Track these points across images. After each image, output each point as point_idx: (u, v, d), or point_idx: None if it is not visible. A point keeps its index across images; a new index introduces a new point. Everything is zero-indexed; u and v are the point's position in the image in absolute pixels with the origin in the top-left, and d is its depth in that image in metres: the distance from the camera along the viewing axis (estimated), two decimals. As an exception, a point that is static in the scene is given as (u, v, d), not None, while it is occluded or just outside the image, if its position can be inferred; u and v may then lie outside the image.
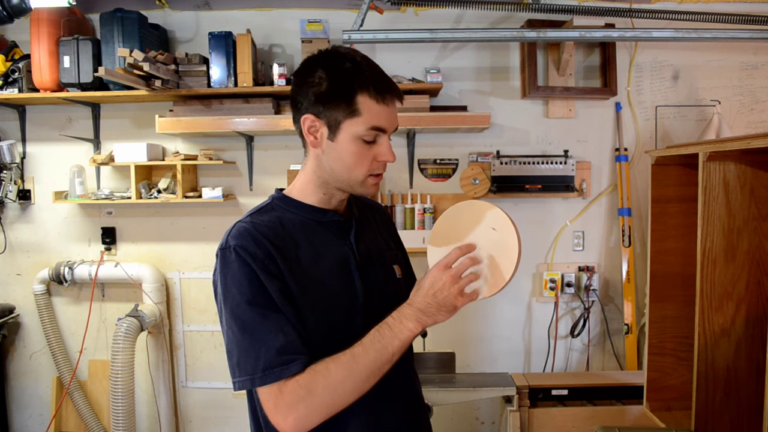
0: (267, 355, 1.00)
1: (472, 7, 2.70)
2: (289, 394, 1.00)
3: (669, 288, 1.89)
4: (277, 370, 1.00)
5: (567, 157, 2.96)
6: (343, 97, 1.07)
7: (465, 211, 1.15)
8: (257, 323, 1.02)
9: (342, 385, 1.01)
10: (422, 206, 2.97)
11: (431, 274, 1.07)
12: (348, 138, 1.09)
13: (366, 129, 1.08)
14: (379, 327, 1.06)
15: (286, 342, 1.01)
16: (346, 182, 1.13)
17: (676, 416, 1.84)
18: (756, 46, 2.99)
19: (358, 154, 1.09)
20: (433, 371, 2.75)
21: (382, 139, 1.11)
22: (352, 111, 1.07)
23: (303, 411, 1.00)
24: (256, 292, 1.03)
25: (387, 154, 1.11)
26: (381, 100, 1.08)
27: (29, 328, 3.19)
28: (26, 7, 2.28)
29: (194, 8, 2.99)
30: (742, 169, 1.53)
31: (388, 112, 1.10)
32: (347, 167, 1.11)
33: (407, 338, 1.05)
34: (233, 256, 1.05)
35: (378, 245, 1.26)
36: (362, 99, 1.07)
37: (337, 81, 1.07)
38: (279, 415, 1.00)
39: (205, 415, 3.20)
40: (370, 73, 1.08)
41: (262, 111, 2.81)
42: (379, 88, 1.07)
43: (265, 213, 1.16)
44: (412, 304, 1.07)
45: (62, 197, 2.98)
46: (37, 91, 2.84)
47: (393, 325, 1.05)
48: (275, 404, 1.00)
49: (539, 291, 3.10)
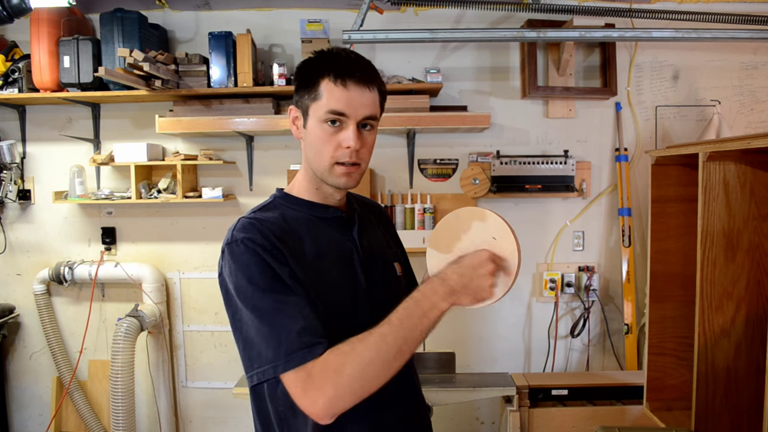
0: (288, 340, 0.98)
1: (472, 7, 2.70)
2: (317, 376, 0.96)
3: (669, 288, 1.89)
4: (300, 353, 0.97)
5: (567, 157, 2.96)
6: (309, 83, 1.10)
7: (465, 218, 1.15)
8: (275, 310, 1.00)
9: (372, 365, 0.97)
10: (422, 206, 2.97)
11: (478, 256, 1.06)
12: (314, 123, 1.11)
13: (325, 112, 1.09)
14: (407, 305, 1.02)
15: (307, 325, 0.99)
16: (319, 171, 1.13)
17: (676, 416, 1.84)
18: (756, 46, 2.99)
19: (322, 139, 1.10)
20: (433, 371, 2.75)
21: (347, 124, 1.10)
22: (314, 96, 1.10)
23: (332, 392, 0.95)
24: (270, 280, 1.02)
25: (348, 140, 1.09)
26: (341, 83, 1.08)
27: (29, 328, 3.19)
28: (26, 7, 2.28)
29: (194, 8, 2.99)
30: (742, 169, 1.53)
31: (349, 96, 1.08)
32: (316, 153, 1.12)
33: (436, 317, 1.02)
34: (242, 248, 1.04)
35: (379, 242, 1.26)
36: (323, 83, 1.09)
37: (306, 69, 1.12)
38: (307, 399, 0.96)
39: (205, 415, 3.20)
40: (336, 59, 1.10)
41: (262, 111, 2.81)
42: (339, 73, 1.08)
43: (267, 210, 1.16)
44: (447, 280, 1.04)
45: (62, 197, 2.98)
46: (37, 91, 2.84)
47: (422, 301, 1.02)
48: (303, 389, 0.97)
49: (539, 291, 3.10)
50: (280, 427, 1.10)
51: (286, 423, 1.09)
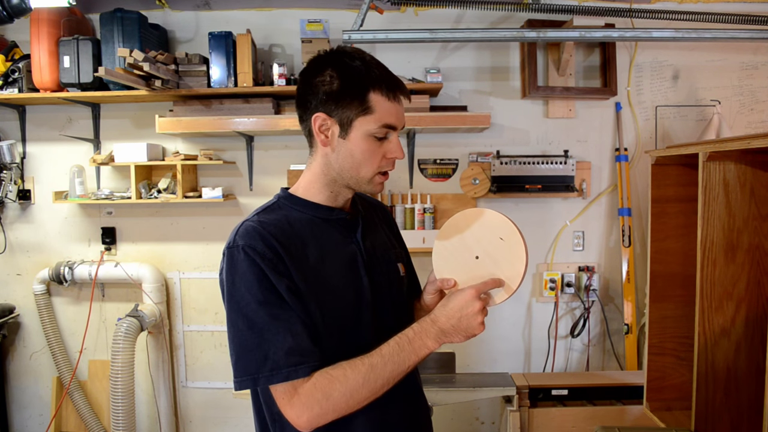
0: (275, 356, 1.01)
1: (472, 7, 2.71)
2: (306, 395, 1.02)
3: (669, 288, 1.89)
4: (285, 371, 1.01)
5: (567, 157, 2.96)
6: (356, 95, 1.08)
7: (472, 218, 1.16)
8: (266, 323, 1.03)
9: (358, 392, 1.03)
10: (422, 206, 2.97)
11: (462, 298, 1.07)
12: (360, 135, 1.10)
13: (378, 126, 1.09)
14: (399, 340, 1.06)
15: (295, 343, 1.02)
16: (355, 180, 1.14)
17: (676, 416, 1.84)
18: (756, 46, 2.99)
19: (369, 152, 1.11)
20: (433, 371, 2.75)
21: (392, 136, 1.13)
22: (364, 109, 1.09)
23: (317, 412, 1.02)
24: (266, 292, 1.04)
25: (397, 151, 1.13)
26: (392, 97, 1.10)
27: (29, 328, 3.19)
28: (26, 7, 2.28)
29: (194, 8, 2.99)
30: (742, 169, 1.53)
31: (397, 110, 1.12)
32: (357, 165, 1.12)
33: (425, 355, 1.07)
34: (242, 256, 1.05)
35: (383, 243, 1.26)
36: (374, 96, 1.08)
37: (349, 79, 1.09)
38: (293, 412, 1.03)
39: (205, 415, 3.20)
40: (380, 71, 1.10)
41: (262, 111, 2.81)
42: (390, 86, 1.10)
43: (271, 212, 1.16)
44: (436, 322, 1.07)
45: (62, 197, 2.98)
46: (37, 91, 2.84)
47: (413, 340, 1.06)
48: (290, 403, 1.03)
49: (539, 291, 3.10)
50: (273, 427, 1.14)
51: (279, 423, 1.12)
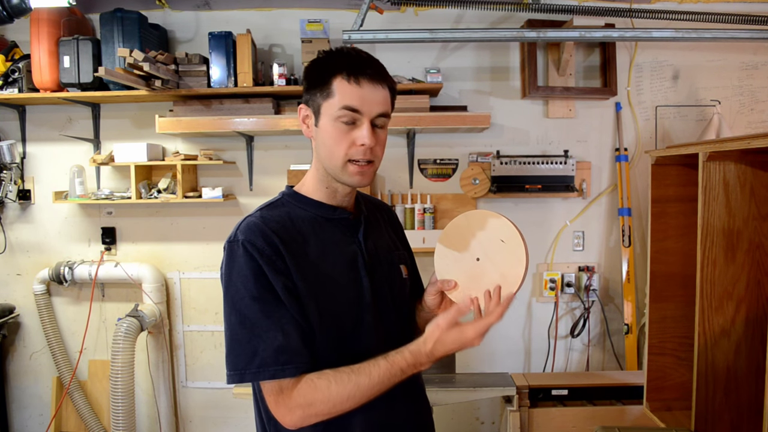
0: (264, 353, 1.02)
1: (472, 7, 2.70)
2: (290, 398, 1.03)
3: (669, 288, 1.89)
4: (272, 369, 1.02)
5: (567, 157, 2.96)
6: (320, 81, 1.10)
7: (474, 220, 1.16)
8: (259, 320, 1.03)
9: (341, 405, 1.04)
10: (422, 206, 2.97)
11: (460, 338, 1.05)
12: (327, 121, 1.10)
13: (339, 109, 1.08)
14: (391, 368, 1.05)
15: (286, 343, 1.03)
16: (331, 169, 1.13)
17: (676, 416, 1.84)
18: (756, 46, 2.99)
19: (335, 137, 1.10)
20: (433, 371, 2.75)
21: (361, 122, 1.10)
22: (327, 93, 1.10)
23: (300, 415, 1.04)
24: (261, 289, 1.04)
25: (363, 137, 1.09)
26: (354, 80, 1.08)
27: (29, 328, 3.19)
28: (26, 7, 2.28)
29: (194, 8, 2.99)
30: (742, 169, 1.53)
31: (362, 93, 1.09)
32: (329, 151, 1.12)
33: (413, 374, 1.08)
34: (241, 251, 1.06)
35: (385, 245, 1.26)
36: (336, 81, 1.09)
37: (317, 67, 1.12)
38: (278, 411, 1.05)
39: (205, 415, 3.20)
40: (347, 57, 1.10)
41: (262, 111, 2.81)
42: (351, 70, 1.09)
43: (275, 208, 1.17)
44: (433, 355, 1.06)
45: (62, 197, 2.98)
46: (37, 91, 2.84)
47: (406, 368, 1.05)
48: (276, 403, 1.05)
49: (539, 291, 3.10)
50: (269, 425, 1.15)
51: (273, 421, 1.12)
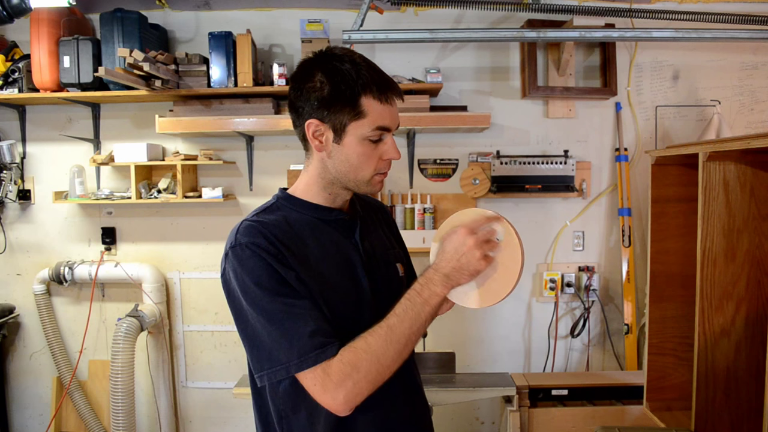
0: (300, 342, 1.01)
1: (472, 7, 2.70)
2: (336, 374, 1.01)
3: (669, 288, 1.89)
4: (313, 354, 1.01)
5: (567, 157, 2.96)
6: (348, 100, 1.07)
7: (469, 218, 1.15)
8: (284, 313, 1.03)
9: (384, 355, 1.03)
10: (422, 206, 2.97)
11: (456, 239, 1.08)
12: (354, 140, 1.10)
13: (371, 129, 1.09)
14: (409, 295, 1.07)
15: (317, 327, 1.03)
16: (353, 182, 1.14)
17: (676, 416, 1.84)
18: (756, 46, 2.99)
19: (365, 155, 1.11)
20: (433, 371, 2.75)
21: (387, 137, 1.13)
22: (357, 113, 1.08)
23: (351, 386, 1.01)
24: (277, 284, 1.04)
25: (392, 152, 1.13)
26: (384, 99, 1.09)
27: (29, 328, 3.19)
28: (26, 7, 2.28)
29: (194, 8, 2.99)
30: (742, 169, 1.53)
31: (390, 111, 1.11)
32: (354, 168, 1.12)
33: (437, 303, 1.07)
34: (247, 253, 1.05)
35: (381, 244, 1.27)
36: (366, 100, 1.07)
37: (339, 84, 1.07)
38: (328, 395, 1.01)
39: (205, 415, 3.20)
40: (371, 73, 1.08)
41: (262, 111, 2.81)
42: (381, 88, 1.08)
43: (270, 212, 1.16)
44: (438, 269, 1.08)
45: (62, 197, 2.98)
46: (37, 91, 2.84)
47: (422, 291, 1.07)
48: (323, 386, 1.01)
49: (539, 291, 3.10)
50: (280, 425, 1.13)
51: (286, 420, 1.12)
